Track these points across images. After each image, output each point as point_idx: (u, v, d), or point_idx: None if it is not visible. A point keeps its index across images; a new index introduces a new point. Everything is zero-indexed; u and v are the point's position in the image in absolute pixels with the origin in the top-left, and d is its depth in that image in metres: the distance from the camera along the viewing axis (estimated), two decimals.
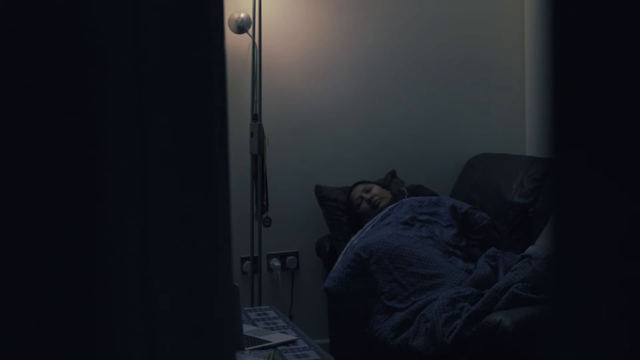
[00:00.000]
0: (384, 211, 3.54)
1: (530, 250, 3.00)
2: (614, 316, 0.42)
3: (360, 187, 3.77)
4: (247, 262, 3.83)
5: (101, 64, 0.48)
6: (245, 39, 3.72)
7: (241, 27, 3.67)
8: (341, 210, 3.76)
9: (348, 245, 3.44)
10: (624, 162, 0.41)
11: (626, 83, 0.40)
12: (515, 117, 4.18)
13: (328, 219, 3.79)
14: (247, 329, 2.75)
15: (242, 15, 3.66)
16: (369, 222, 3.53)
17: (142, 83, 0.49)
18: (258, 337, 2.67)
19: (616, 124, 0.41)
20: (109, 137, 0.49)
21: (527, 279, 2.74)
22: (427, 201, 3.49)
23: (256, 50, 3.69)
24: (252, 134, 3.66)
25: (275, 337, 2.68)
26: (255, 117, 3.68)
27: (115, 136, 0.49)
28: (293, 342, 2.65)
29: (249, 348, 2.56)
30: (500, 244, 3.32)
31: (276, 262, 3.90)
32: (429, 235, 3.28)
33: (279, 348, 2.59)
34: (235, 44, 3.72)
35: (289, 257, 3.93)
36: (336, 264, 3.36)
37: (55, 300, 0.48)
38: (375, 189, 3.73)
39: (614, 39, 0.41)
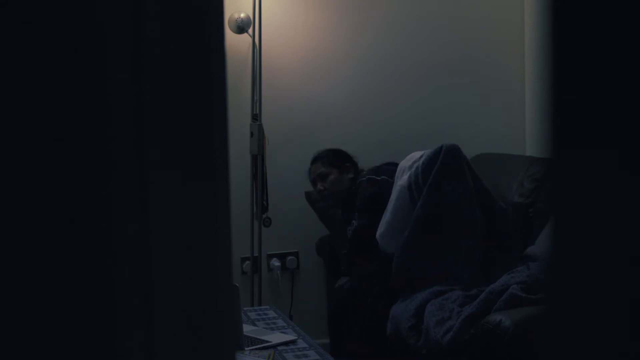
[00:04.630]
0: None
1: (530, 250, 2.99)
2: (614, 316, 0.42)
3: (319, 167, 3.62)
4: (247, 262, 3.83)
5: (101, 64, 0.48)
6: (245, 39, 3.72)
7: (241, 27, 3.67)
8: (330, 205, 3.70)
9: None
10: (624, 162, 0.41)
11: (626, 83, 0.40)
12: (515, 117, 4.17)
13: (323, 220, 3.76)
14: (247, 329, 2.75)
15: (242, 15, 3.66)
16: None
17: (142, 83, 0.49)
18: (258, 337, 2.67)
19: (616, 124, 0.41)
20: (109, 137, 0.49)
21: (524, 282, 2.74)
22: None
23: (256, 50, 3.69)
24: (252, 134, 3.66)
25: (275, 337, 2.68)
26: (255, 117, 3.68)
27: (115, 136, 0.49)
28: (293, 342, 2.65)
29: (249, 348, 2.56)
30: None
31: (276, 262, 3.90)
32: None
33: (279, 348, 2.59)
34: (235, 44, 3.71)
35: (289, 257, 3.93)
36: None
37: (56, 301, 0.48)
38: (331, 179, 3.58)
39: (614, 39, 0.41)
